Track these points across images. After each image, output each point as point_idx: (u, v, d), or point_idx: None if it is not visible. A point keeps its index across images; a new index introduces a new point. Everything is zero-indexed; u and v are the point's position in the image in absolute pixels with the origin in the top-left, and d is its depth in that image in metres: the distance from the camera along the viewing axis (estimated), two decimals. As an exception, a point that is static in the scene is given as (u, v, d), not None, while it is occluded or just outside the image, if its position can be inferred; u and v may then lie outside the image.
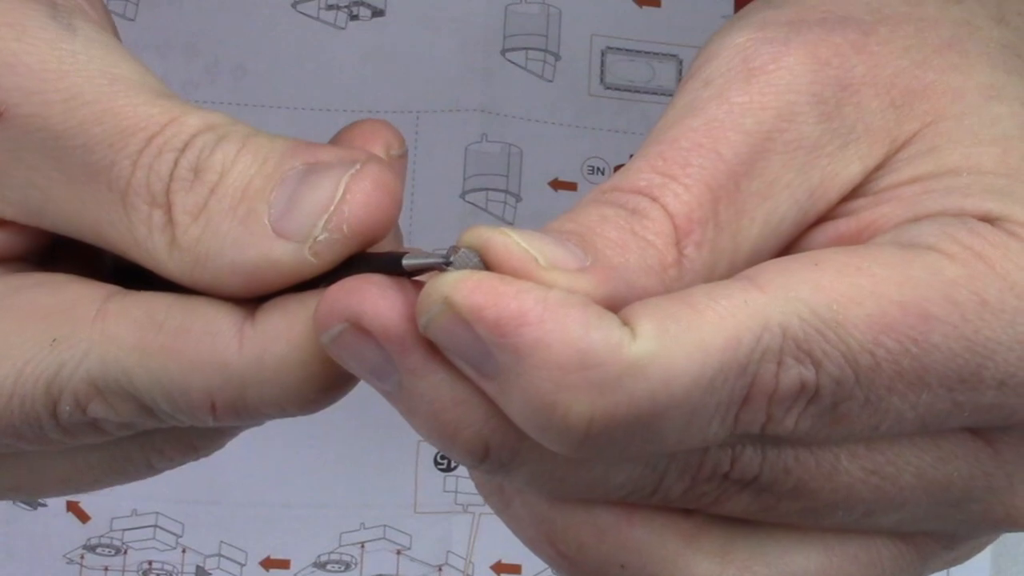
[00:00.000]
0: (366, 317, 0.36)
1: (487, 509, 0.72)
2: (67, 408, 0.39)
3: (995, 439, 0.39)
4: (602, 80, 0.71)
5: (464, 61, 0.69)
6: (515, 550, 0.72)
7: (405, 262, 0.37)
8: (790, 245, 0.40)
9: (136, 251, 0.40)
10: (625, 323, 0.35)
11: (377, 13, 0.70)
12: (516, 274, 0.35)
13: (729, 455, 0.38)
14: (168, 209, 0.39)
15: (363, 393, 0.40)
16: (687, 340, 0.35)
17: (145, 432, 0.42)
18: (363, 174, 0.38)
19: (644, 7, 0.71)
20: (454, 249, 0.37)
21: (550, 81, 0.70)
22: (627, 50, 0.71)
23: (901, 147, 0.40)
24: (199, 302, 0.39)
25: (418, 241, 0.70)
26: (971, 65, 0.41)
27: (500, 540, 0.72)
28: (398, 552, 0.72)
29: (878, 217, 0.39)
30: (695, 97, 0.39)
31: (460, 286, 0.35)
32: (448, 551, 0.72)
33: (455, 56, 0.69)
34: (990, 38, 0.42)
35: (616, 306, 0.36)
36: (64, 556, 0.72)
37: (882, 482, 0.38)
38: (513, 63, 0.70)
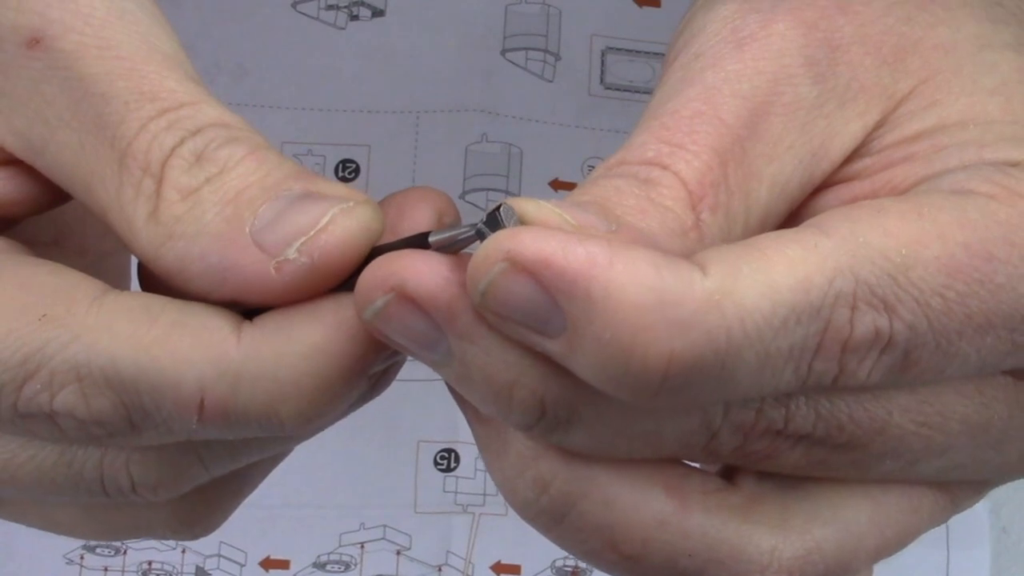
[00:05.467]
0: (411, 284, 0.36)
1: (487, 509, 0.72)
2: (36, 387, 0.38)
3: None
4: (602, 80, 0.71)
5: (464, 61, 0.69)
6: (515, 550, 0.72)
7: (432, 238, 0.37)
8: (799, 208, 0.40)
9: (116, 214, 0.39)
10: (693, 264, 0.35)
11: (377, 13, 0.70)
12: None
13: (783, 413, 0.38)
14: (160, 182, 0.39)
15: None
16: (759, 280, 0.35)
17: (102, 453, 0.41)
18: (351, 212, 0.38)
19: (644, 7, 0.71)
20: (482, 223, 0.36)
21: (550, 81, 0.70)
22: (627, 50, 0.71)
23: (899, 104, 0.40)
24: (196, 304, 0.39)
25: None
26: (956, 18, 0.41)
27: (500, 540, 0.72)
28: (398, 552, 0.72)
29: (893, 177, 0.40)
30: (688, 70, 0.40)
31: (522, 239, 0.34)
32: (448, 551, 0.72)
33: (455, 56, 0.69)
34: None
35: None
36: (64, 556, 0.72)
37: (931, 432, 0.39)
38: (513, 63, 0.70)
